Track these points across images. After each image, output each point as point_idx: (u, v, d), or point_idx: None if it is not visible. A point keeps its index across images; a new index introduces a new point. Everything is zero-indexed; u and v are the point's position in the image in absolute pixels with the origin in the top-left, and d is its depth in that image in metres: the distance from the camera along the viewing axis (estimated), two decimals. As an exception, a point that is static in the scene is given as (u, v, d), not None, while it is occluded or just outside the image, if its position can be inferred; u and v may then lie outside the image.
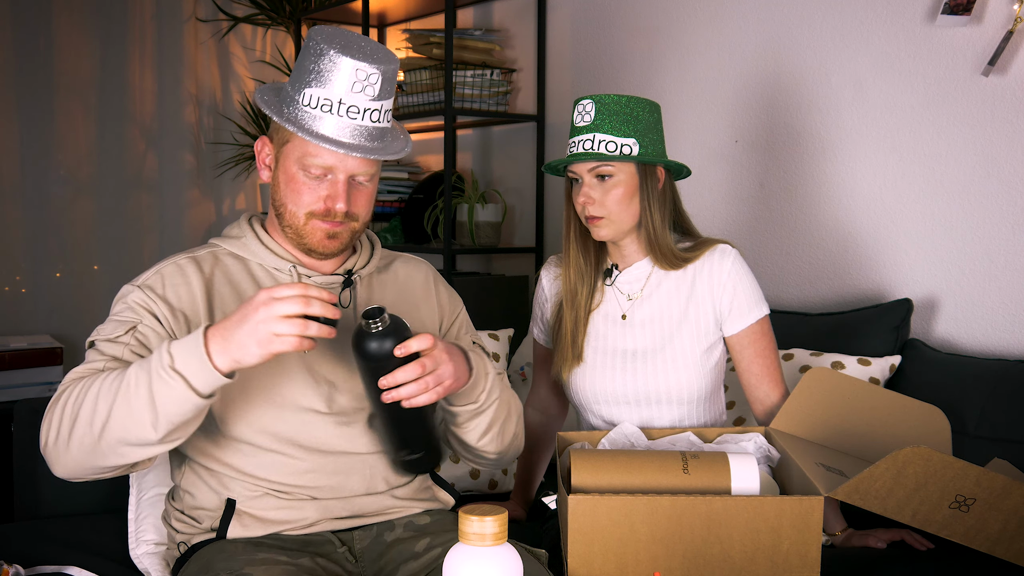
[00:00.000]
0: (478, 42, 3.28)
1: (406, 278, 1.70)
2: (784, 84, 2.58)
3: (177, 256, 1.56)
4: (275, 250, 1.55)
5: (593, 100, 1.76)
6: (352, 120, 1.44)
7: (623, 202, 1.77)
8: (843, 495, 1.38)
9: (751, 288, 1.81)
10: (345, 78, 1.42)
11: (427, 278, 1.73)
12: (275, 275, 1.55)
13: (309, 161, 1.45)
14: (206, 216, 4.34)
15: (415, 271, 1.72)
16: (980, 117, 2.20)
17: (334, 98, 1.42)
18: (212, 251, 1.58)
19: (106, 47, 4.00)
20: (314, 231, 1.50)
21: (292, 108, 1.45)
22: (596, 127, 1.75)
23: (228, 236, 1.60)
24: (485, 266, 3.61)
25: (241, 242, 1.57)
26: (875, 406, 1.74)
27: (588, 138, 1.75)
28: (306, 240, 1.51)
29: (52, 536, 1.83)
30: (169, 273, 1.52)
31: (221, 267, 1.55)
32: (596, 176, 1.77)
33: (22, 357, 3.45)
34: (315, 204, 1.48)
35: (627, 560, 1.37)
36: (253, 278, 1.55)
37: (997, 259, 2.20)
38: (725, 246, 1.82)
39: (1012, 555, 1.45)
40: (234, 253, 1.57)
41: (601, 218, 1.77)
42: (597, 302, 1.87)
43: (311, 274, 1.55)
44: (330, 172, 1.47)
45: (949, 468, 1.34)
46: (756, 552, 1.36)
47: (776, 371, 1.83)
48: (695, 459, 1.46)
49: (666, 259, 1.81)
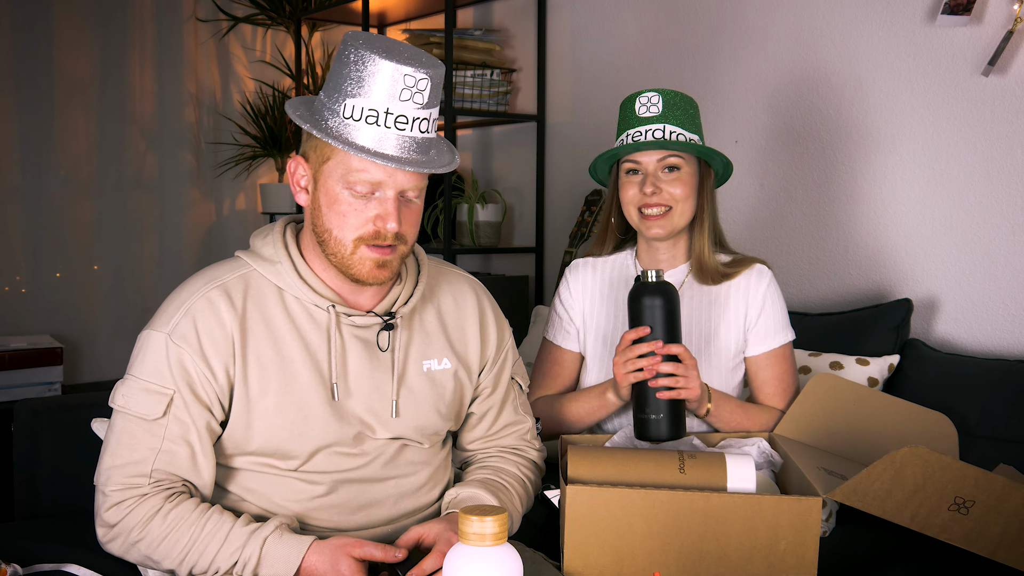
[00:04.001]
0: (478, 42, 3.28)
1: (453, 309, 1.55)
2: (784, 84, 2.57)
3: (204, 285, 1.40)
4: (313, 285, 1.41)
5: (658, 93, 1.73)
6: (400, 131, 1.31)
7: (688, 197, 1.75)
8: (841, 496, 1.38)
9: (780, 312, 1.81)
10: (391, 85, 1.30)
11: (476, 306, 1.58)
12: (312, 311, 1.42)
13: (355, 177, 1.32)
14: (206, 216, 4.34)
15: (463, 298, 1.57)
16: (980, 117, 2.20)
17: (380, 108, 1.30)
18: (243, 275, 1.42)
19: (106, 47, 4.00)
20: (363, 261, 1.36)
21: (332, 121, 1.32)
22: (665, 118, 1.72)
23: (261, 256, 1.44)
24: (485, 266, 3.60)
25: (276, 269, 1.42)
26: (880, 413, 1.73)
27: (658, 127, 1.72)
28: (354, 271, 1.37)
29: (52, 535, 1.83)
30: (200, 313, 1.37)
31: (253, 296, 1.41)
32: (665, 167, 1.74)
33: (22, 357, 3.45)
34: (363, 227, 1.35)
35: (623, 553, 1.37)
36: (288, 314, 1.41)
37: (997, 259, 2.20)
38: (763, 267, 1.82)
39: (1014, 560, 1.43)
40: (268, 279, 1.42)
41: (665, 213, 1.74)
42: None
43: (350, 312, 1.42)
44: (378, 189, 1.34)
45: (947, 469, 1.33)
46: (753, 551, 1.36)
47: (790, 394, 1.81)
48: (692, 459, 1.45)
49: (708, 274, 1.79)
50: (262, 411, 1.38)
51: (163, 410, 1.35)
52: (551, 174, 3.30)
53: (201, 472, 1.38)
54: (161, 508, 1.34)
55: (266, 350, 1.39)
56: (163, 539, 1.33)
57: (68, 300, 3.97)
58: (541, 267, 3.32)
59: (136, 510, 1.34)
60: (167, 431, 1.35)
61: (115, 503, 1.35)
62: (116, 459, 1.36)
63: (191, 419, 1.36)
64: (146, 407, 1.36)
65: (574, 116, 3.21)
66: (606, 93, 3.06)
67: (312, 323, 1.42)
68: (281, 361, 1.39)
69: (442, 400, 1.51)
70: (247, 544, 1.31)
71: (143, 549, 1.34)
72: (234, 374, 1.38)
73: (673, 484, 1.42)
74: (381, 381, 1.45)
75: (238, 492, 1.45)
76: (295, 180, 1.41)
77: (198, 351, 1.36)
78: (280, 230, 1.46)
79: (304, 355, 1.40)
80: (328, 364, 1.41)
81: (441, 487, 1.56)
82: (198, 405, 1.37)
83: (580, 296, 1.88)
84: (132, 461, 1.36)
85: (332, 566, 1.28)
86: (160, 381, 1.36)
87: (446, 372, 1.51)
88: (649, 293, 1.62)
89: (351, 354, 1.43)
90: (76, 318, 3.98)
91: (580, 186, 3.09)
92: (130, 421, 1.37)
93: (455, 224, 3.27)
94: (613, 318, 1.85)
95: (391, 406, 1.45)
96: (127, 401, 1.37)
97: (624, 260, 1.88)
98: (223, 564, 1.31)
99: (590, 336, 1.86)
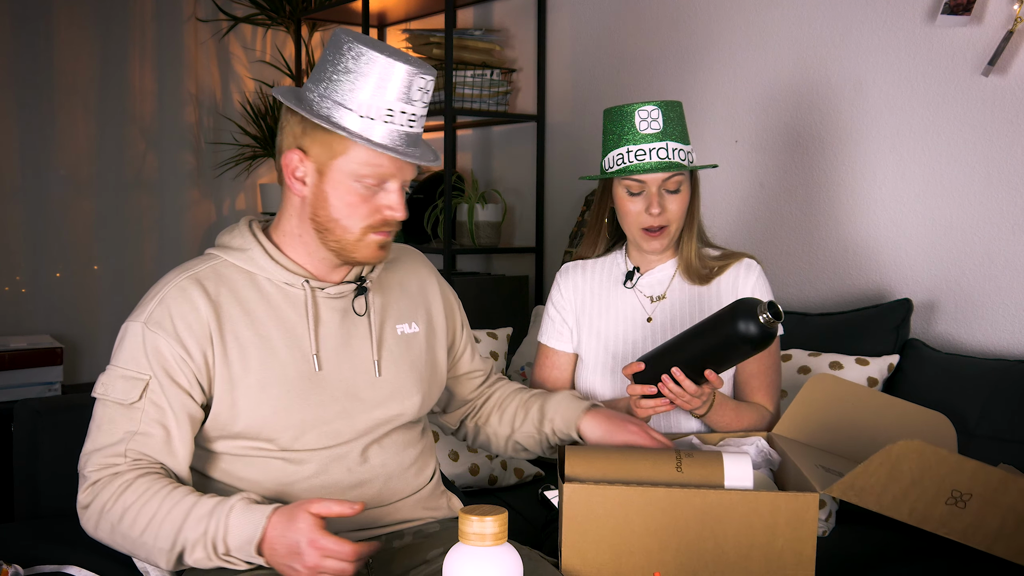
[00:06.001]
0: (478, 42, 3.28)
1: (412, 276, 1.66)
2: (784, 84, 2.58)
3: (176, 275, 1.46)
4: (285, 264, 1.47)
5: (656, 106, 1.72)
6: (410, 128, 1.41)
7: (685, 211, 1.78)
8: (838, 491, 1.38)
9: None
10: (406, 87, 1.38)
11: (428, 270, 1.70)
12: (286, 290, 1.47)
13: (368, 171, 1.40)
14: (206, 216, 4.34)
15: (415, 264, 1.68)
16: (980, 117, 2.20)
17: (395, 107, 1.38)
18: (213, 265, 1.48)
19: (106, 47, 3.99)
20: (368, 245, 1.44)
21: (348, 119, 1.38)
22: (667, 135, 1.72)
23: (229, 247, 1.50)
24: (485, 266, 3.61)
25: (247, 255, 1.48)
26: (879, 412, 1.73)
27: (661, 146, 1.72)
28: (356, 254, 1.45)
29: (52, 535, 1.83)
30: (173, 301, 1.43)
31: (226, 283, 1.46)
32: (667, 188, 1.75)
33: (22, 357, 3.45)
34: (371, 216, 1.42)
35: (620, 551, 1.37)
36: (262, 294, 1.47)
37: (997, 259, 2.20)
38: (751, 260, 1.83)
39: (1012, 553, 1.43)
40: (238, 266, 1.48)
41: (665, 228, 1.76)
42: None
43: (324, 286, 1.49)
44: (387, 181, 1.42)
45: (944, 463, 1.33)
46: (750, 548, 1.36)
47: (775, 387, 1.83)
48: (689, 457, 1.46)
49: (696, 275, 1.81)
50: (245, 388, 1.42)
51: (139, 394, 1.40)
52: (551, 174, 3.30)
53: (177, 455, 1.42)
54: (134, 483, 1.37)
55: (243, 330, 1.44)
56: (133, 508, 1.35)
57: (68, 300, 3.97)
58: (541, 267, 3.32)
59: (109, 485, 1.38)
60: (143, 414, 1.40)
61: (91, 483, 1.40)
62: (95, 443, 1.41)
63: (167, 403, 1.40)
64: (123, 392, 1.40)
65: (574, 116, 3.21)
66: (606, 93, 3.06)
67: (287, 300, 1.47)
68: (259, 339, 1.44)
69: (419, 362, 1.58)
70: (213, 512, 1.33)
71: (113, 520, 1.37)
72: (213, 356, 1.42)
73: (670, 482, 1.42)
74: (360, 346, 1.51)
75: (222, 479, 1.47)
76: (289, 172, 1.44)
77: (173, 335, 1.40)
78: (246, 223, 1.52)
79: (281, 331, 1.45)
80: (308, 337, 1.46)
81: (429, 471, 1.61)
82: (175, 388, 1.41)
83: (572, 297, 1.90)
84: (109, 443, 1.40)
85: (290, 521, 1.30)
86: (136, 367, 1.41)
87: (417, 336, 1.59)
88: (758, 340, 1.49)
89: (329, 325, 1.49)
90: (76, 318, 3.98)
91: (580, 186, 3.10)
92: (108, 407, 1.41)
93: (455, 224, 3.27)
94: (606, 316, 1.86)
95: (373, 367, 1.51)
96: (106, 388, 1.42)
97: (614, 259, 1.90)
98: (190, 534, 1.33)
99: (583, 334, 1.88)
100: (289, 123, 1.43)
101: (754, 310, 1.48)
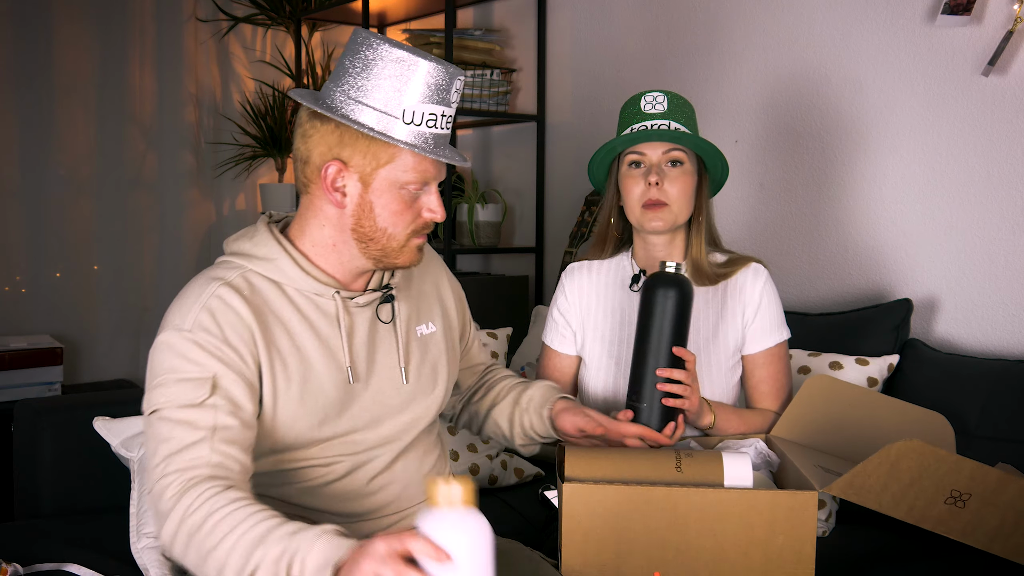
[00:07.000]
0: (478, 42, 3.28)
1: (425, 272, 1.63)
2: (784, 84, 2.58)
3: (209, 284, 1.37)
4: (315, 275, 1.41)
5: (663, 93, 1.76)
6: (446, 131, 1.39)
7: (687, 193, 1.77)
8: (838, 490, 1.38)
9: (776, 311, 1.82)
10: (445, 88, 1.36)
11: (439, 265, 1.68)
12: (316, 301, 1.42)
13: (414, 176, 1.37)
14: (206, 216, 4.33)
15: (426, 260, 1.64)
16: (980, 117, 2.20)
17: (437, 111, 1.36)
18: (242, 274, 1.40)
19: (106, 47, 3.99)
20: (410, 249, 1.42)
21: (394, 127, 1.34)
22: (671, 115, 1.75)
23: (253, 256, 1.42)
24: (485, 266, 3.61)
25: (274, 264, 1.41)
26: (877, 413, 1.73)
27: (663, 123, 1.74)
28: (398, 260, 1.42)
29: (52, 534, 1.83)
30: (217, 309, 1.33)
31: (259, 294, 1.39)
32: (668, 160, 1.76)
33: (22, 357, 3.44)
34: (415, 220, 1.40)
35: (620, 550, 1.37)
36: (295, 306, 1.41)
37: (997, 259, 2.20)
38: (759, 265, 1.83)
39: (1009, 552, 1.44)
40: (264, 276, 1.41)
41: (665, 205, 1.75)
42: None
43: (352, 295, 1.45)
44: (427, 184, 1.40)
45: (943, 462, 1.33)
46: (750, 546, 1.36)
47: (783, 394, 1.82)
48: (689, 457, 1.46)
49: (705, 276, 1.80)
50: (286, 402, 1.37)
51: (209, 391, 1.28)
52: (551, 174, 3.30)
53: (251, 453, 1.32)
54: (224, 491, 1.23)
55: (283, 341, 1.38)
56: (217, 515, 1.20)
57: (68, 300, 3.97)
58: (541, 267, 3.32)
59: (194, 488, 1.24)
60: (217, 411, 1.28)
61: (176, 492, 1.24)
62: (170, 448, 1.26)
63: (240, 396, 1.31)
64: (190, 394, 1.28)
65: (574, 116, 3.21)
66: (606, 93, 3.06)
67: (318, 312, 1.42)
68: (297, 351, 1.39)
69: (437, 361, 1.58)
70: (297, 534, 1.16)
71: (191, 527, 1.21)
72: (261, 365, 1.35)
73: (670, 482, 1.42)
74: (387, 354, 1.49)
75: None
76: (329, 184, 1.37)
77: (223, 340, 1.32)
78: (265, 229, 1.44)
79: (316, 343, 1.41)
80: (342, 349, 1.43)
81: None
82: (242, 383, 1.31)
83: (577, 299, 1.89)
84: (189, 443, 1.26)
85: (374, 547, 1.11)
86: (196, 370, 1.30)
87: (435, 335, 1.58)
88: (665, 284, 1.60)
89: (360, 335, 1.46)
90: (76, 318, 3.97)
91: (580, 186, 3.10)
92: (174, 413, 1.28)
93: (455, 224, 3.27)
94: (611, 318, 1.85)
95: (400, 375, 1.49)
96: (166, 398, 1.29)
97: (620, 261, 1.89)
98: (270, 551, 1.16)
99: (588, 337, 1.87)
100: (319, 131, 1.36)
101: (659, 273, 1.61)
